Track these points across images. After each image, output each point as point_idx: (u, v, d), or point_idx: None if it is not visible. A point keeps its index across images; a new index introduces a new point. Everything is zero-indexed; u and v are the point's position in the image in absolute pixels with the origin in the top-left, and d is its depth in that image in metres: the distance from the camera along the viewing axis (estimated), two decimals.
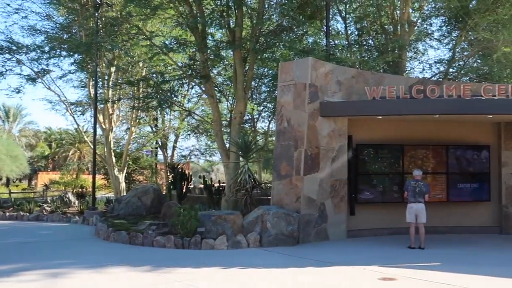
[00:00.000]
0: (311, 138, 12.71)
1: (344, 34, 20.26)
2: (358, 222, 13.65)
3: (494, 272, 9.09)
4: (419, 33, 20.27)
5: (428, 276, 8.73)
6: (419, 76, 20.64)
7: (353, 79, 13.52)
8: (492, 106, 12.26)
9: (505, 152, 14.51)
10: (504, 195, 14.46)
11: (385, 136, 13.95)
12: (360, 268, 9.45)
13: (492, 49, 18.28)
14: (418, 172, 12.13)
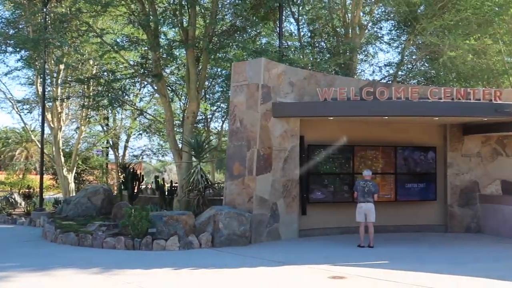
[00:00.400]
0: (263, 139, 12.77)
1: (297, 36, 20.47)
2: (309, 221, 13.81)
3: (440, 269, 9.39)
4: (370, 36, 20.72)
5: (376, 274, 8.93)
6: (370, 78, 21.11)
7: (305, 80, 13.67)
8: (438, 108, 12.66)
9: (450, 153, 15.00)
10: (450, 194, 14.94)
11: (336, 137, 14.16)
12: (311, 267, 9.57)
13: (438, 53, 18.88)
14: (367, 172, 12.38)
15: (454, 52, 17.95)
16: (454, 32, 18.43)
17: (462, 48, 18.05)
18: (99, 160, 31.44)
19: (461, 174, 14.97)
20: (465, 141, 15.03)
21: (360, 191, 12.09)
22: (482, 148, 15.11)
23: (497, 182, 15.11)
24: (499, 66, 21.43)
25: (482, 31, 20.10)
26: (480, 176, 15.03)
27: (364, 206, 11.99)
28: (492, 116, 12.84)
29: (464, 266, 9.74)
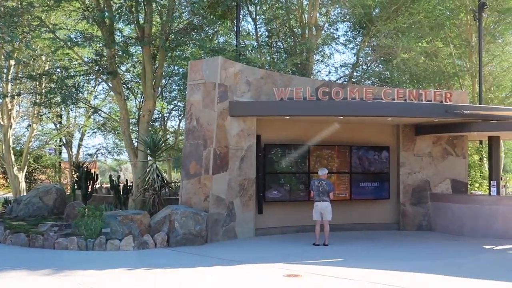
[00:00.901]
0: (220, 138, 12.75)
1: (254, 35, 20.52)
2: (266, 220, 13.87)
3: (392, 265, 9.61)
4: (326, 37, 20.99)
5: (331, 272, 9.05)
6: (326, 79, 21.37)
7: (262, 79, 13.72)
8: (391, 109, 12.94)
9: (403, 153, 15.35)
10: (402, 193, 15.29)
11: (292, 136, 14.28)
12: (267, 265, 9.61)
13: (392, 55, 19.30)
14: (322, 172, 12.52)
15: (407, 54, 18.39)
16: (407, 35, 18.89)
17: (415, 51, 18.53)
18: (51, 158, 30.63)
19: (413, 173, 15.35)
20: (417, 141, 15.42)
21: (315, 190, 12.23)
22: (433, 148, 15.53)
23: (447, 181, 15.56)
24: (450, 68, 22.13)
25: (434, 34, 20.72)
26: (431, 175, 15.44)
27: (319, 205, 12.13)
28: (443, 117, 13.23)
29: (415, 263, 9.99)
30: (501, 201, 14.18)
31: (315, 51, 19.88)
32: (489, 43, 21.97)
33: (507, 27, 21.72)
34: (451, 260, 10.43)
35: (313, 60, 20.37)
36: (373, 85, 20.22)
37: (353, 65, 21.95)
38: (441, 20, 20.71)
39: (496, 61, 22.59)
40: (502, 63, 22.55)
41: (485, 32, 20.64)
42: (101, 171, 44.24)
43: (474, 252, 11.45)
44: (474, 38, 21.30)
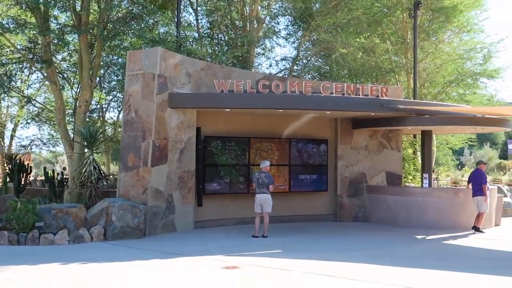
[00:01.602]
0: (159, 129, 12.59)
1: (195, 26, 20.34)
2: (205, 213, 13.84)
3: (328, 256, 9.83)
4: (267, 30, 21.07)
5: (269, 263, 9.15)
6: (266, 72, 21.48)
7: (202, 71, 13.64)
8: (329, 103, 13.18)
9: (340, 146, 15.69)
10: (339, 185, 15.64)
11: (232, 129, 14.29)
12: (205, 258, 9.60)
13: (331, 50, 19.64)
14: (263, 164, 12.57)
15: (345, 49, 18.76)
16: (346, 30, 19.28)
17: (353, 46, 18.93)
18: None
19: (350, 166, 15.72)
20: (354, 135, 15.79)
21: (255, 182, 12.29)
22: (369, 142, 15.96)
23: (382, 173, 16.05)
24: (387, 64, 22.77)
25: (372, 30, 21.25)
26: (368, 168, 15.88)
27: (259, 197, 12.19)
28: (379, 111, 13.62)
29: (350, 253, 10.26)
30: (433, 193, 14.78)
31: (256, 44, 19.92)
32: (424, 40, 22.75)
33: (440, 25, 22.56)
34: (384, 250, 10.78)
35: (254, 53, 20.42)
36: (313, 79, 20.50)
37: (293, 59, 22.16)
38: (378, 16, 21.27)
39: (430, 58, 23.41)
40: (436, 60, 23.40)
41: (420, 30, 21.35)
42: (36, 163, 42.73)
43: (406, 242, 11.89)
44: (409, 35, 21.98)
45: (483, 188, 13.38)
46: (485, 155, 50.49)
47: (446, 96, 24.12)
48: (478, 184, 13.49)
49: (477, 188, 13.47)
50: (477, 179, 13.62)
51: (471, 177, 14.05)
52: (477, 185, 13.52)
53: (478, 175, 13.72)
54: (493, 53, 23.78)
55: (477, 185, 13.50)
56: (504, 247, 11.32)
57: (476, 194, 13.46)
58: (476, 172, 13.98)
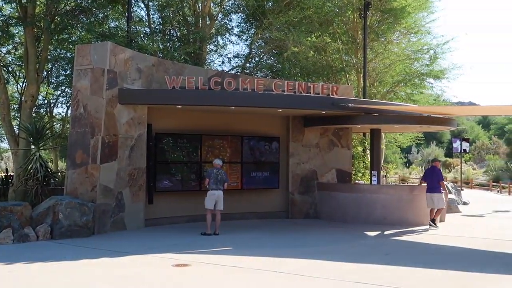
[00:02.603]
0: (109, 126, 12.34)
1: (147, 22, 20.02)
2: (156, 210, 13.69)
3: (280, 253, 9.90)
4: (220, 27, 20.98)
5: (220, 260, 9.13)
6: (219, 69, 21.40)
7: (153, 67, 13.47)
8: (281, 100, 13.28)
9: (292, 144, 15.82)
10: (291, 183, 15.78)
11: (184, 126, 14.18)
12: (155, 256, 9.49)
13: (283, 48, 19.75)
14: (218, 162, 12.52)
15: (297, 48, 18.90)
16: (298, 29, 19.42)
17: (305, 45, 19.10)
18: None
19: (302, 164, 15.89)
20: (306, 133, 15.96)
21: (213, 178, 12.15)
22: (320, 139, 16.17)
23: (333, 171, 16.30)
24: (338, 63, 23.11)
25: (323, 30, 21.50)
26: (319, 165, 16.09)
27: (216, 193, 12.13)
28: (329, 109, 13.82)
29: (301, 250, 10.37)
30: (381, 189, 15.11)
31: (208, 41, 19.80)
32: (373, 40, 23.23)
33: (389, 26, 23.07)
34: (334, 246, 10.95)
35: (206, 50, 20.29)
36: (265, 77, 20.58)
37: (246, 56, 22.18)
38: (330, 16, 21.55)
39: (379, 58, 23.94)
40: (385, 60, 23.94)
41: (369, 30, 21.79)
42: None
43: (356, 238, 12.11)
44: (359, 35, 22.40)
45: (442, 185, 13.98)
46: (431, 154, 52.07)
47: (395, 96, 24.73)
48: (435, 181, 13.96)
49: (434, 185, 13.94)
50: (434, 176, 14.07)
51: (426, 174, 14.51)
52: (433, 181, 13.98)
53: (434, 172, 14.18)
54: (439, 55, 24.55)
55: (434, 181, 13.96)
56: (448, 242, 11.70)
57: (433, 190, 13.89)
58: (431, 169, 14.43)
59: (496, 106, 17.47)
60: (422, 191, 14.66)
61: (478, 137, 59.79)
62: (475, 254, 10.27)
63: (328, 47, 21.63)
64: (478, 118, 70.24)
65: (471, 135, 58.56)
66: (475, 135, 60.80)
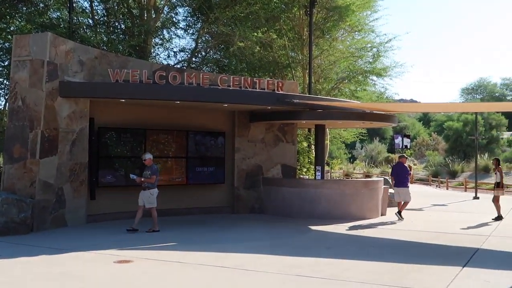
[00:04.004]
0: (49, 119, 11.97)
1: (90, 13, 19.53)
2: (99, 206, 13.41)
3: (224, 248, 9.90)
4: (166, 20, 20.72)
5: (163, 256, 9.04)
6: (164, 63, 21.14)
7: (96, 60, 13.15)
8: (226, 95, 13.26)
9: (238, 139, 15.85)
10: (236, 178, 15.80)
11: (128, 120, 13.94)
12: (97, 252, 9.29)
13: (230, 43, 19.73)
14: (145, 156, 12.02)
15: (243, 43, 18.92)
16: (244, 24, 19.44)
17: (251, 40, 19.16)
18: None
19: (247, 159, 15.94)
20: (252, 128, 16.02)
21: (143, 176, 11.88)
22: (266, 135, 16.26)
23: (278, 166, 16.44)
24: (284, 59, 23.30)
25: (269, 25, 21.63)
26: (264, 160, 16.18)
27: (142, 192, 11.86)
28: (275, 105, 13.92)
29: (245, 244, 10.42)
30: (325, 184, 15.36)
31: (154, 34, 19.52)
32: (319, 37, 23.57)
33: (334, 24, 23.48)
34: (278, 240, 11.06)
35: (151, 43, 20.01)
36: (211, 72, 20.49)
37: (192, 50, 22.00)
38: (276, 12, 21.68)
39: (324, 55, 24.32)
40: (329, 57, 24.34)
41: (315, 27, 22.09)
42: None
43: (300, 232, 12.27)
44: (305, 32, 22.67)
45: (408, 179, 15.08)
46: (374, 149, 53.45)
47: (339, 92, 25.22)
48: (401, 176, 14.89)
49: (400, 179, 14.87)
50: (400, 171, 15.02)
51: (393, 170, 15.48)
52: (400, 176, 14.90)
53: (401, 168, 15.14)
54: (382, 53, 25.19)
55: (402, 177, 14.89)
56: (388, 235, 12.04)
57: (399, 185, 14.82)
58: (398, 165, 15.40)
59: (435, 104, 18.13)
60: (365, 186, 15.04)
61: (419, 133, 61.81)
62: (413, 246, 10.62)
63: (274, 43, 21.79)
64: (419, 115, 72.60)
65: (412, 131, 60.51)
66: (416, 131, 62.84)
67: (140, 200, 11.89)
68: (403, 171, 15.01)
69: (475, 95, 78.43)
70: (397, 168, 15.26)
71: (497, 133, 48.63)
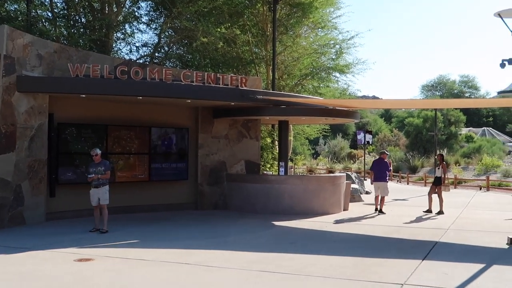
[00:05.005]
0: (6, 115, 11.66)
1: (49, 6, 19.06)
2: (59, 203, 13.14)
3: (186, 244, 9.83)
4: (128, 14, 20.42)
5: (125, 254, 8.92)
6: (126, 58, 20.84)
7: (55, 54, 12.86)
8: (190, 91, 13.17)
9: (201, 135, 15.76)
10: (200, 174, 15.72)
11: (89, 116, 13.69)
12: (57, 251, 9.09)
13: (193, 38, 19.59)
14: (96, 151, 11.39)
15: (206, 38, 18.81)
16: (208, 19, 19.34)
17: (214, 35, 19.06)
18: None
19: (211, 155, 15.88)
20: (215, 124, 15.96)
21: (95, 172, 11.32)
22: (229, 131, 16.23)
23: (242, 162, 16.44)
24: (248, 55, 23.30)
25: (233, 21, 21.58)
26: (228, 156, 16.15)
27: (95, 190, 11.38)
28: (238, 101, 13.90)
29: (209, 241, 10.37)
30: (288, 180, 15.45)
31: (115, 28, 19.20)
32: (282, 34, 23.64)
33: (298, 20, 23.60)
34: (242, 236, 11.06)
35: (113, 38, 19.68)
36: (175, 67, 20.31)
37: (155, 45, 21.76)
38: (240, 8, 21.66)
39: (288, 51, 24.43)
40: (293, 53, 24.46)
41: (279, 24, 22.15)
42: None
43: (264, 228, 12.30)
44: (269, 28, 22.70)
45: (387, 175, 15.55)
46: (337, 145, 54.05)
47: (302, 88, 25.37)
48: (381, 171, 15.33)
49: (380, 174, 15.33)
50: (380, 167, 15.46)
51: (374, 165, 15.85)
52: (379, 172, 15.34)
53: (381, 164, 15.59)
54: (344, 49, 25.46)
55: (381, 172, 15.34)
56: (350, 230, 12.21)
57: (379, 179, 15.34)
58: (379, 160, 15.85)
59: (397, 100, 18.43)
60: (327, 181, 15.19)
61: (381, 129, 62.86)
62: (374, 241, 10.79)
63: (238, 39, 21.75)
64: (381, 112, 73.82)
65: (374, 127, 61.48)
66: (378, 127, 63.89)
67: (94, 199, 11.40)
68: (383, 167, 15.50)
69: (435, 92, 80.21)
70: (378, 164, 15.73)
71: (455, 129, 49.87)
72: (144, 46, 22.16)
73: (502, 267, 8.19)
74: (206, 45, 19.03)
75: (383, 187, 15.31)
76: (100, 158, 11.41)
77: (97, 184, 11.29)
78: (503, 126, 63.61)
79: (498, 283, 7.08)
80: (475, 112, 65.37)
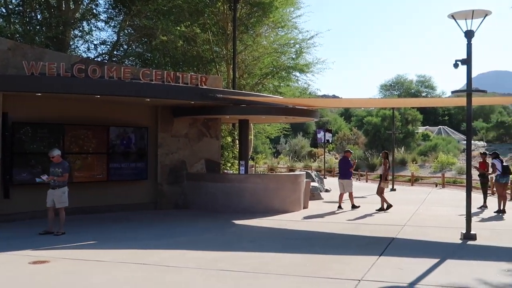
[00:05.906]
0: None
1: (3, 2, 18.55)
2: (14, 205, 12.79)
3: (145, 244, 9.76)
4: (86, 11, 20.07)
5: (82, 255, 8.79)
6: (84, 56, 20.47)
7: (9, 51, 12.54)
8: (148, 90, 13.04)
9: (161, 134, 15.63)
10: (160, 173, 15.60)
11: (45, 115, 13.37)
12: (11, 253, 8.87)
13: (152, 37, 19.42)
14: (54, 153, 11.11)
15: (166, 37, 18.67)
16: (167, 18, 19.19)
17: (174, 34, 18.94)
18: None
19: (171, 154, 15.77)
20: (175, 123, 15.85)
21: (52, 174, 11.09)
22: (189, 130, 16.16)
23: (202, 161, 16.39)
24: (208, 54, 23.24)
25: (193, 20, 21.48)
26: (188, 155, 16.08)
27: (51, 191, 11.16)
28: (198, 100, 13.86)
29: (169, 241, 10.32)
30: (248, 179, 15.51)
31: (72, 26, 18.84)
32: (243, 33, 23.68)
33: (258, 20, 23.68)
34: (201, 235, 11.05)
35: (70, 35, 19.30)
36: (134, 66, 20.08)
37: (113, 43, 21.45)
38: (200, 7, 21.60)
39: (249, 50, 24.49)
40: (253, 52, 24.53)
41: (239, 23, 22.17)
42: None
43: (224, 227, 12.32)
44: (229, 27, 22.69)
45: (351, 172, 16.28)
46: (298, 144, 54.45)
47: (263, 87, 25.48)
48: (345, 169, 16.05)
49: (344, 172, 16.05)
50: (346, 165, 16.14)
51: (339, 163, 16.67)
52: (344, 169, 16.07)
53: (346, 162, 16.25)
54: (304, 49, 25.69)
55: (345, 170, 16.05)
56: (310, 227, 12.35)
57: (343, 177, 16.12)
58: (343, 159, 16.53)
59: (356, 99, 18.74)
60: (287, 180, 15.31)
61: (340, 128, 63.62)
62: (333, 238, 10.96)
63: (198, 38, 21.67)
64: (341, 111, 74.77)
65: (334, 126, 62.18)
66: (337, 126, 64.64)
67: (49, 201, 11.14)
68: (347, 165, 16.19)
69: (393, 91, 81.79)
70: (342, 162, 16.47)
71: (412, 128, 50.97)
72: (103, 44, 21.83)
73: (455, 261, 8.46)
74: (165, 44, 18.90)
75: (347, 184, 15.97)
76: (60, 159, 11.16)
77: (53, 186, 11.05)
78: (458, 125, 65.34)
79: (450, 276, 7.29)
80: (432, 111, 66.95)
